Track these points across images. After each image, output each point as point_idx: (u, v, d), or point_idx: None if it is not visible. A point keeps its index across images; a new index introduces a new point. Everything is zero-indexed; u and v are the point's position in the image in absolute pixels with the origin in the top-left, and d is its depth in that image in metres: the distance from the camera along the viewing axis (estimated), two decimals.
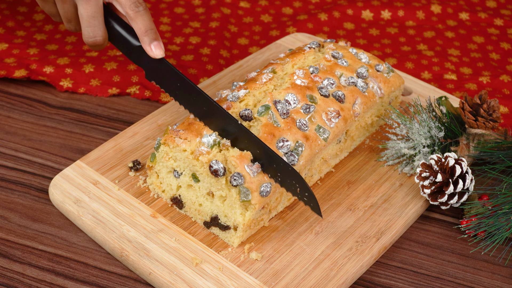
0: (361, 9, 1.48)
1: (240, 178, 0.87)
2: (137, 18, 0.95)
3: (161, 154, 0.94)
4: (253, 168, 0.87)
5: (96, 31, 0.97)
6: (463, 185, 0.98)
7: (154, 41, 0.95)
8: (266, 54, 1.28)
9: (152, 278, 0.89)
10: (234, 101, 0.96)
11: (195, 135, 0.91)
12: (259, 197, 0.87)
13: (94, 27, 0.97)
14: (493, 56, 1.39)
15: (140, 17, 0.95)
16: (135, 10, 0.95)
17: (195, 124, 0.93)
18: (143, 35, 0.95)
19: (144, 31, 0.95)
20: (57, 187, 0.98)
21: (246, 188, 0.87)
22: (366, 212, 0.99)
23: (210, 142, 0.90)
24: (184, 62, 1.31)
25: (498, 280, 0.94)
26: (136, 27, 0.96)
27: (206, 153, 0.89)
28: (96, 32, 0.98)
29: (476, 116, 1.06)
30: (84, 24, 0.97)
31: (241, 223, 0.89)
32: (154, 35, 0.95)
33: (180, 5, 1.48)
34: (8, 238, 0.95)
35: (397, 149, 1.06)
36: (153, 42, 0.95)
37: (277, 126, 0.93)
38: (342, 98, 1.00)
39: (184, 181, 0.94)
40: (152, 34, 0.95)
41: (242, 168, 0.87)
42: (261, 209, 0.89)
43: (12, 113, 1.17)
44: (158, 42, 0.95)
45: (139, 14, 0.95)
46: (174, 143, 0.91)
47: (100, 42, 0.99)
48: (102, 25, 0.97)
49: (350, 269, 0.90)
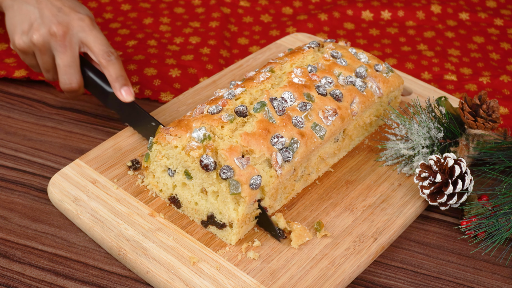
0: (361, 9, 1.48)
1: (229, 171, 0.87)
2: (109, 66, 1.05)
3: (154, 153, 0.95)
4: (242, 161, 0.88)
5: (72, 78, 1.07)
6: (463, 186, 0.98)
7: (124, 87, 1.05)
8: (266, 54, 1.28)
9: (149, 277, 0.89)
10: (230, 99, 0.96)
11: (185, 131, 0.92)
12: (249, 190, 0.87)
13: (70, 75, 1.06)
14: (493, 56, 1.38)
15: (111, 65, 1.05)
16: (107, 59, 1.05)
17: (185, 120, 0.94)
18: (114, 81, 1.05)
19: (115, 78, 1.05)
20: (56, 185, 0.99)
21: (236, 181, 0.87)
22: (364, 212, 0.98)
23: (200, 136, 0.90)
24: (184, 62, 1.31)
25: (498, 280, 0.94)
26: (108, 74, 1.05)
27: (197, 148, 0.89)
28: (72, 79, 1.07)
29: (475, 116, 1.06)
30: (61, 72, 1.07)
31: (235, 218, 0.89)
32: (124, 81, 1.06)
33: (180, 5, 1.48)
34: (8, 238, 0.95)
35: (396, 149, 1.06)
36: (123, 88, 1.05)
37: (273, 122, 0.93)
38: (339, 97, 1.00)
39: (178, 179, 0.94)
40: (122, 81, 1.05)
41: (232, 161, 0.87)
42: (253, 203, 0.89)
43: (12, 113, 1.18)
44: (128, 87, 1.05)
45: (111, 62, 1.05)
46: (165, 141, 0.92)
47: (76, 88, 1.08)
48: (77, 73, 1.07)
49: (348, 268, 0.90)
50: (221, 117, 0.93)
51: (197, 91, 1.19)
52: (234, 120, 0.93)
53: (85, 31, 1.05)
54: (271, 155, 0.91)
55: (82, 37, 1.06)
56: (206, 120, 0.92)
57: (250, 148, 0.90)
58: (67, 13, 1.06)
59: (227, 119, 0.93)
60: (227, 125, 0.93)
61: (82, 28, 1.05)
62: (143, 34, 1.38)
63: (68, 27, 1.05)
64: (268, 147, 0.91)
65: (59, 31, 1.04)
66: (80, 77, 1.07)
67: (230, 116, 0.93)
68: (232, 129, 0.93)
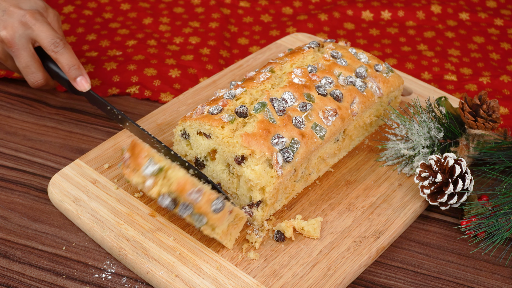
0: (361, 9, 1.48)
1: (187, 209, 0.85)
2: (58, 57, 1.04)
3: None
4: (195, 195, 0.84)
5: (35, 77, 1.07)
6: (463, 185, 0.98)
7: (78, 77, 1.04)
8: (266, 54, 1.28)
9: (149, 277, 0.89)
10: (231, 99, 0.96)
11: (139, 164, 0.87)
12: (215, 215, 0.85)
13: (33, 73, 1.07)
14: (493, 56, 1.38)
15: (60, 56, 1.04)
16: (55, 51, 1.04)
17: (137, 147, 0.89)
18: (67, 72, 1.04)
19: (67, 69, 1.04)
20: (56, 185, 0.99)
21: (198, 214, 0.85)
22: (365, 212, 0.98)
23: (154, 171, 0.86)
24: (184, 62, 1.31)
25: (498, 280, 0.94)
26: (60, 66, 1.05)
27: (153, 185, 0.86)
28: (35, 77, 1.07)
29: (475, 116, 1.06)
30: (23, 73, 1.08)
31: (217, 237, 0.88)
32: (76, 71, 1.04)
33: (180, 5, 1.48)
34: (8, 238, 0.95)
35: (396, 149, 1.06)
36: (77, 78, 1.04)
37: (273, 122, 0.93)
38: (339, 97, 1.00)
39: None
40: (74, 70, 1.04)
41: (186, 198, 0.85)
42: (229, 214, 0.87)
43: (12, 113, 1.18)
44: (82, 76, 1.04)
45: (59, 53, 1.04)
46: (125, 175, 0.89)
47: (43, 84, 1.09)
48: (39, 71, 1.07)
49: (348, 269, 0.90)
50: (221, 117, 0.93)
51: (197, 91, 1.19)
52: (235, 120, 0.93)
53: (29, 28, 1.04)
54: (272, 155, 0.91)
55: (29, 34, 1.05)
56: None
57: (250, 149, 0.90)
58: (11, 14, 1.05)
59: (227, 120, 0.93)
60: (228, 125, 0.93)
61: (26, 26, 1.04)
62: (142, 34, 1.38)
63: (13, 29, 1.04)
64: (269, 148, 0.91)
65: (7, 36, 1.04)
66: (43, 73, 1.07)
67: (231, 117, 0.93)
68: (232, 129, 0.93)
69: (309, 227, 0.93)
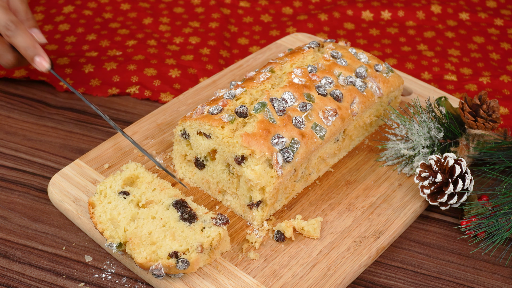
0: (361, 9, 1.48)
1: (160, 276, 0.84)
2: (12, 41, 1.02)
3: None
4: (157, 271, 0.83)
5: (5, 59, 1.05)
6: (463, 185, 0.98)
7: (34, 57, 1.02)
8: (266, 54, 1.28)
9: (150, 277, 0.89)
10: (231, 99, 0.96)
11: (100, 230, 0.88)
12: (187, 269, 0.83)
13: (1, 56, 1.05)
14: (493, 56, 1.38)
15: (14, 39, 1.02)
16: (8, 35, 1.02)
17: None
18: (24, 54, 1.02)
19: (23, 51, 1.02)
20: (56, 186, 0.99)
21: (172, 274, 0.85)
22: (365, 212, 0.98)
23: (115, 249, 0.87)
24: (184, 62, 1.31)
25: (498, 280, 0.94)
26: (17, 49, 1.03)
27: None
28: (5, 59, 1.05)
29: (475, 116, 1.06)
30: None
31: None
32: (32, 52, 1.02)
33: (180, 5, 1.48)
34: (8, 238, 0.95)
35: (396, 149, 1.06)
36: (34, 58, 1.02)
37: (273, 123, 0.93)
38: (339, 97, 1.00)
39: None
40: (30, 51, 1.01)
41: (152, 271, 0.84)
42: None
43: (12, 113, 1.18)
44: (39, 56, 1.02)
45: (13, 37, 1.01)
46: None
47: (15, 63, 1.06)
48: (7, 51, 1.04)
49: (348, 269, 0.90)
50: (221, 117, 0.93)
51: (197, 91, 1.19)
52: (235, 120, 0.94)
53: None
54: (272, 155, 0.91)
55: None
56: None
57: (250, 149, 0.90)
58: None
59: (227, 120, 0.93)
60: (228, 125, 0.93)
61: None
62: (142, 34, 1.38)
63: None
64: (269, 148, 0.91)
65: None
66: (12, 53, 1.05)
67: (231, 117, 0.93)
68: (232, 129, 0.93)
69: (309, 227, 0.93)
